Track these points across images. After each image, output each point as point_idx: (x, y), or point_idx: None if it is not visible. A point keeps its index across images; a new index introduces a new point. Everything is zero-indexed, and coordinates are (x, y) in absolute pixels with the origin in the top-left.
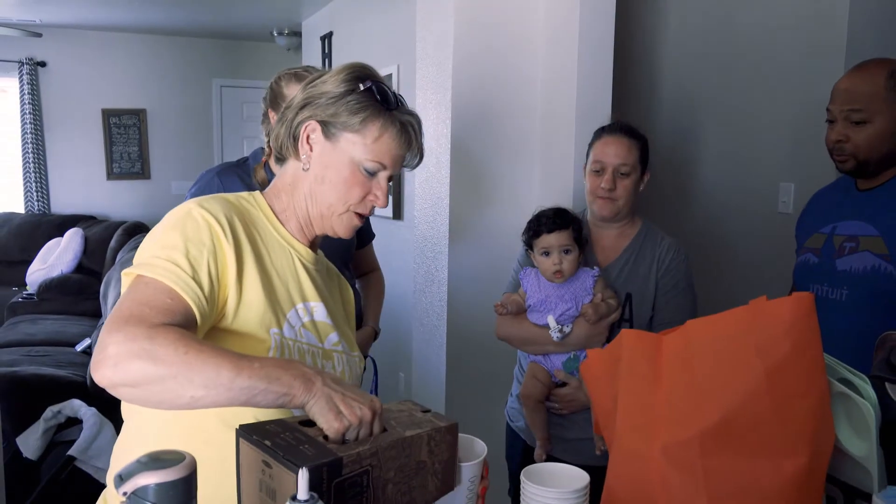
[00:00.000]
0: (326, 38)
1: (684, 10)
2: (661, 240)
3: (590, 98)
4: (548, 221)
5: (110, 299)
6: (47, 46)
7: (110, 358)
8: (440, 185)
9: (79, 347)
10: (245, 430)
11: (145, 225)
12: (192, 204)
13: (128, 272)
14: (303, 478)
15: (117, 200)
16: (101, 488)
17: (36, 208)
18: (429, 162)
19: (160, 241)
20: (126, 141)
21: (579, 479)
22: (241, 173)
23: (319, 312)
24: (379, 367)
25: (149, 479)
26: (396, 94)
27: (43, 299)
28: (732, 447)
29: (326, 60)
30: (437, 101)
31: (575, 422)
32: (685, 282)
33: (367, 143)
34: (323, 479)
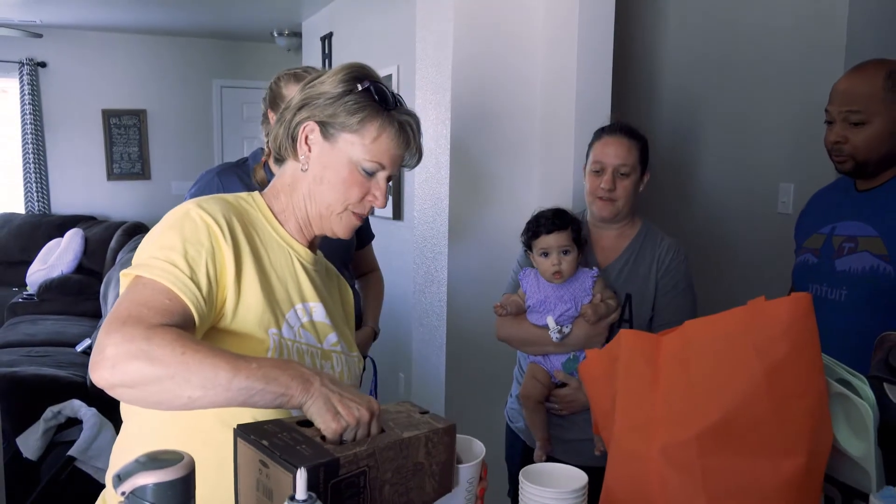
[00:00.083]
0: (326, 38)
1: (684, 10)
2: (661, 240)
3: (589, 99)
4: (546, 222)
5: (110, 300)
6: (48, 47)
7: (108, 359)
8: (440, 185)
9: (79, 348)
10: (243, 430)
11: (145, 225)
12: (191, 205)
13: (126, 273)
14: (301, 478)
15: (117, 201)
16: (101, 488)
17: (36, 209)
18: (428, 162)
19: (158, 241)
20: (126, 141)
21: (577, 480)
22: (241, 174)
23: (318, 313)
24: (379, 367)
25: (147, 478)
26: (395, 94)
27: (43, 300)
28: (731, 447)
29: (326, 61)
30: (437, 102)
31: (575, 422)
32: (685, 282)
33: (365, 144)
34: (320, 480)
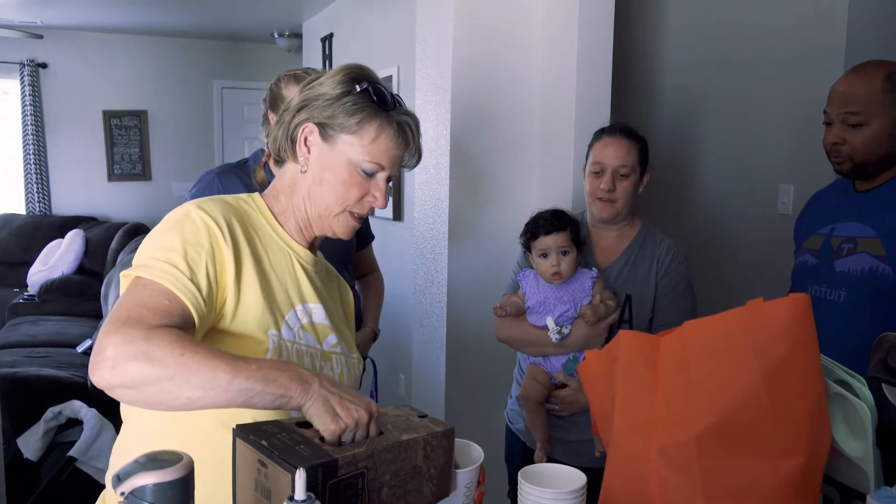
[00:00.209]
0: (327, 39)
1: (684, 10)
2: (661, 241)
3: (589, 99)
4: (545, 223)
5: (111, 300)
6: (48, 48)
7: (108, 360)
8: (440, 186)
9: (80, 348)
10: (242, 430)
11: (146, 226)
12: (191, 206)
13: (126, 274)
14: (300, 478)
15: (118, 202)
16: (102, 489)
17: (37, 209)
18: (428, 163)
19: (159, 242)
20: (127, 142)
21: (576, 480)
22: (242, 175)
23: (318, 314)
24: (379, 368)
25: (146, 479)
26: (394, 94)
27: (44, 300)
28: (730, 448)
29: (327, 62)
30: (437, 103)
31: (575, 424)
32: (685, 283)
33: (364, 144)
34: (318, 480)
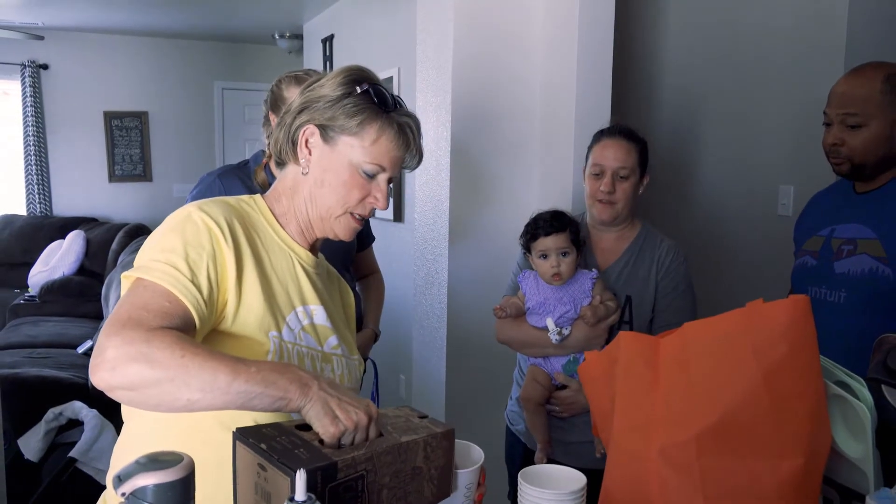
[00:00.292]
0: (327, 40)
1: (684, 10)
2: (661, 242)
3: (589, 101)
4: (545, 224)
5: (112, 301)
6: (49, 49)
7: (108, 361)
8: (440, 187)
9: (80, 349)
10: (241, 433)
11: (147, 227)
12: (193, 207)
13: (127, 275)
14: (300, 479)
15: (119, 202)
16: (102, 490)
17: (38, 210)
18: (429, 164)
19: (160, 244)
20: (128, 143)
21: (576, 481)
22: (243, 176)
23: (319, 316)
24: (379, 369)
25: (147, 479)
26: (394, 95)
27: (45, 301)
28: (729, 448)
29: (327, 63)
30: (437, 104)
31: (575, 425)
32: (685, 284)
33: (365, 146)
34: (317, 483)
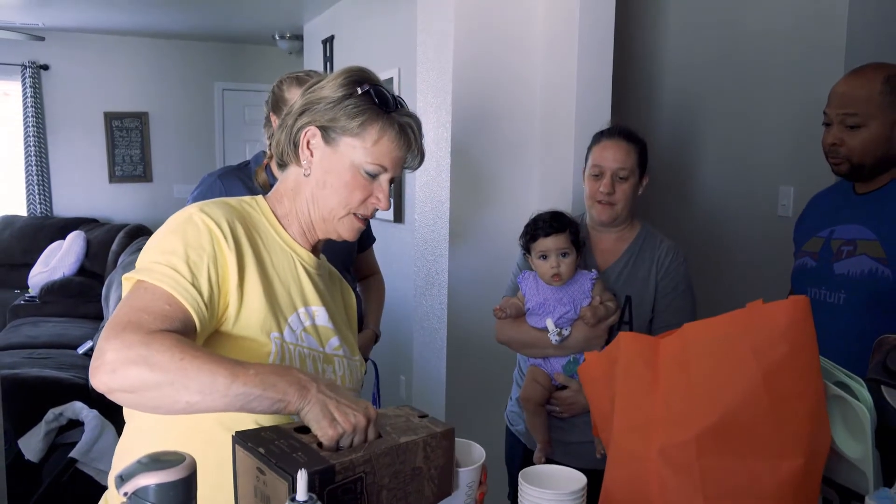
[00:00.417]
0: (328, 41)
1: (684, 11)
2: (660, 243)
3: (589, 101)
4: (545, 225)
5: (112, 302)
6: (50, 50)
7: (107, 364)
8: (440, 188)
9: (80, 350)
10: (240, 437)
11: (147, 228)
12: (194, 209)
13: (128, 277)
14: (301, 479)
15: (119, 203)
16: (103, 490)
17: (38, 211)
18: (429, 165)
19: (161, 246)
20: (128, 144)
21: (576, 482)
22: (243, 177)
23: (321, 316)
24: (380, 370)
25: (149, 479)
26: (395, 96)
27: (45, 302)
28: (729, 448)
29: (328, 64)
30: (438, 105)
31: (575, 425)
32: (684, 284)
33: (366, 147)
34: (316, 487)
